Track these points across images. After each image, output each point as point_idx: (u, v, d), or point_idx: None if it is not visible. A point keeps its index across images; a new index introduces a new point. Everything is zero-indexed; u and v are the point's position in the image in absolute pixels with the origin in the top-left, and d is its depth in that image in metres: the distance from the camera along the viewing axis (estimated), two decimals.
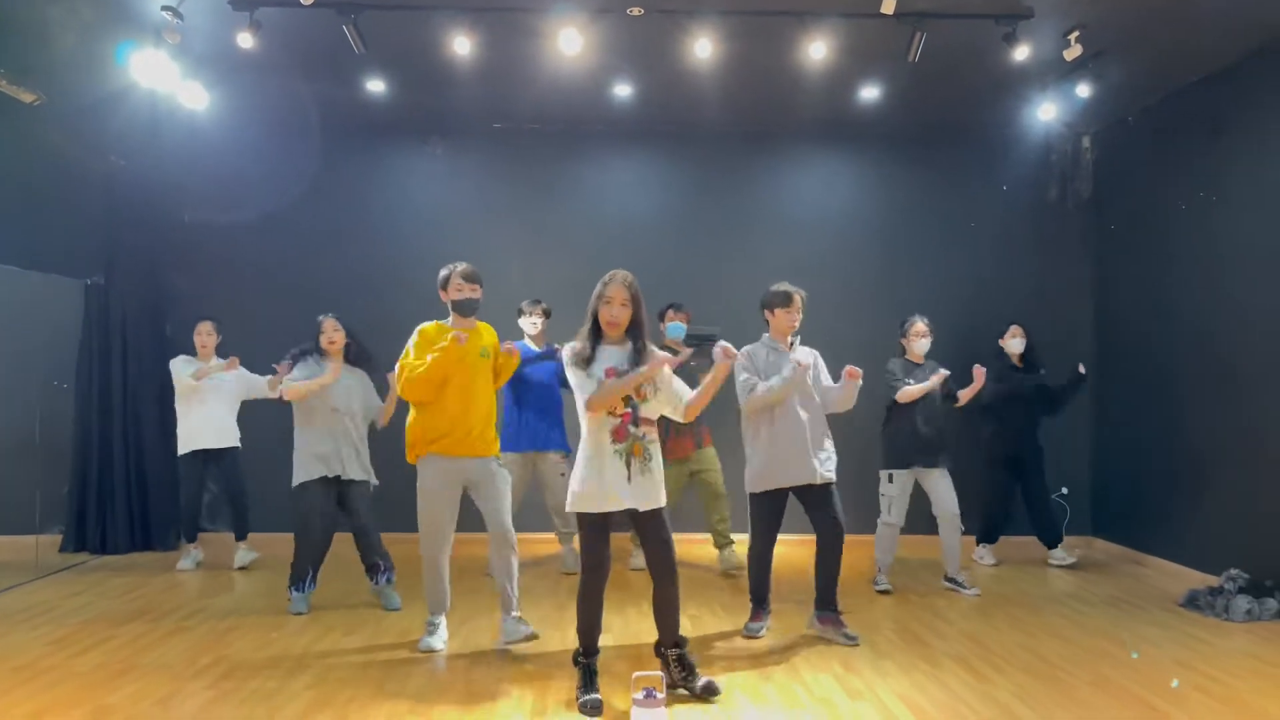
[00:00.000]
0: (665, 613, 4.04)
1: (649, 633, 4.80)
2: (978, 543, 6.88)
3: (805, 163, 7.78)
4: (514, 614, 4.66)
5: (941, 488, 5.80)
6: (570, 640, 4.73)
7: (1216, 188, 6.20)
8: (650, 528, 3.96)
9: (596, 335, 3.95)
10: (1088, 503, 7.64)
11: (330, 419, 5.27)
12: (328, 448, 5.25)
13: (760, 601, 4.97)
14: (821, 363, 5.03)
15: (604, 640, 4.35)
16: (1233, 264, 6.04)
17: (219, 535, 6.96)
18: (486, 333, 4.72)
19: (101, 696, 3.90)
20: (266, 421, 6.48)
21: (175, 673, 4.21)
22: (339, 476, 5.29)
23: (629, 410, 3.89)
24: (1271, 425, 5.67)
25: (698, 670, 4.05)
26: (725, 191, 7.71)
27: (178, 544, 6.89)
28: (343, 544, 5.56)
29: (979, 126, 7.51)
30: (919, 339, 5.87)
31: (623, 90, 6.79)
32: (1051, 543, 6.83)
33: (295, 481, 5.27)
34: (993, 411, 6.75)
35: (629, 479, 3.86)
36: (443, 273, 4.64)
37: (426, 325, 4.64)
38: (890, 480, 5.80)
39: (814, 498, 4.84)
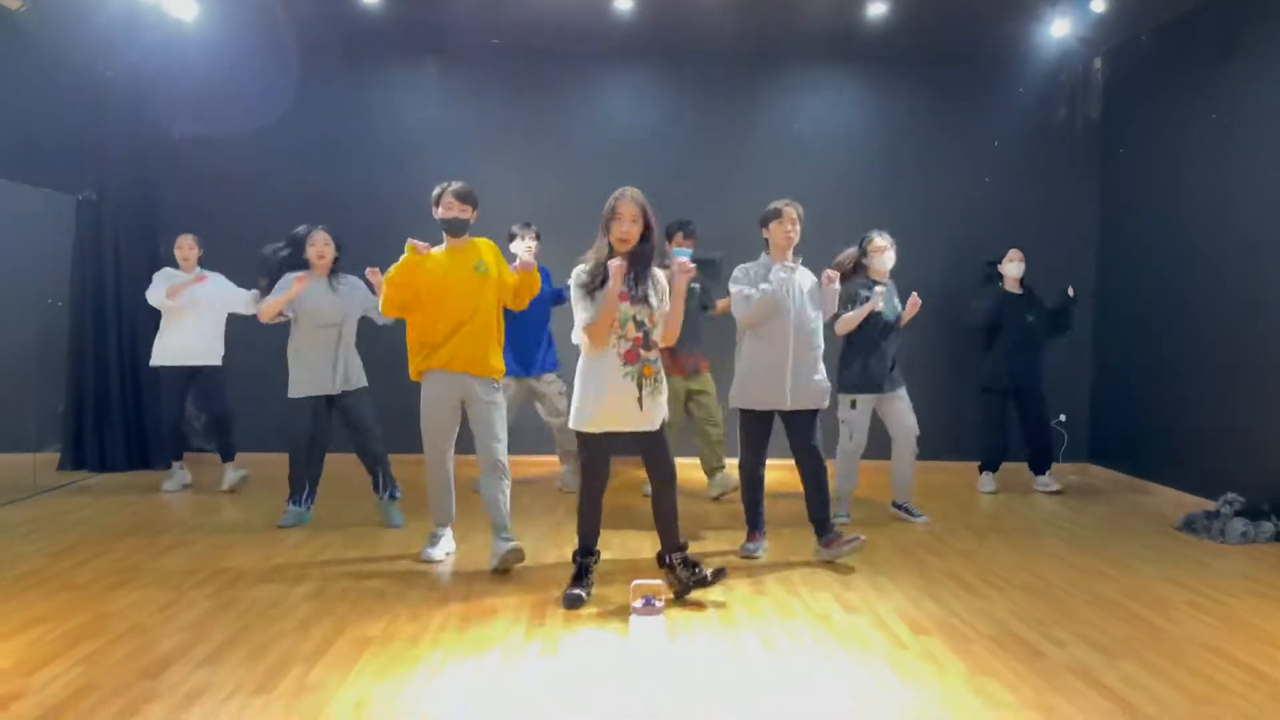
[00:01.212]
0: (666, 520, 4.13)
1: (647, 550, 4.83)
2: (980, 470, 6.83)
3: (809, 82, 7.61)
4: (503, 534, 4.70)
5: (900, 410, 5.64)
6: (567, 557, 4.77)
7: (1229, 110, 6.08)
8: (653, 441, 4.05)
9: (607, 256, 3.95)
10: (1085, 429, 7.64)
11: (316, 336, 5.20)
12: (317, 365, 5.19)
13: (753, 523, 4.95)
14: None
15: (604, 556, 4.37)
16: (1243, 188, 5.94)
17: (212, 456, 6.94)
18: (486, 249, 4.61)
19: (101, 605, 3.91)
20: (256, 339, 6.37)
21: (175, 584, 4.22)
22: (329, 395, 5.23)
23: (640, 334, 3.93)
24: (1272, 351, 5.63)
25: (703, 567, 4.12)
26: (727, 111, 7.55)
27: (170, 464, 6.88)
28: (338, 463, 5.55)
29: (987, 45, 7.33)
30: (878, 255, 5.58)
31: (624, 4, 6.60)
32: (1040, 469, 6.81)
33: (290, 394, 5.24)
34: (991, 337, 6.67)
35: (640, 403, 3.94)
36: (435, 190, 4.54)
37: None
38: (853, 406, 5.59)
39: (790, 424, 4.81)
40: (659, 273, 4.06)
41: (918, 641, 3.64)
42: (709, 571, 4.10)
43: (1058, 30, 6.56)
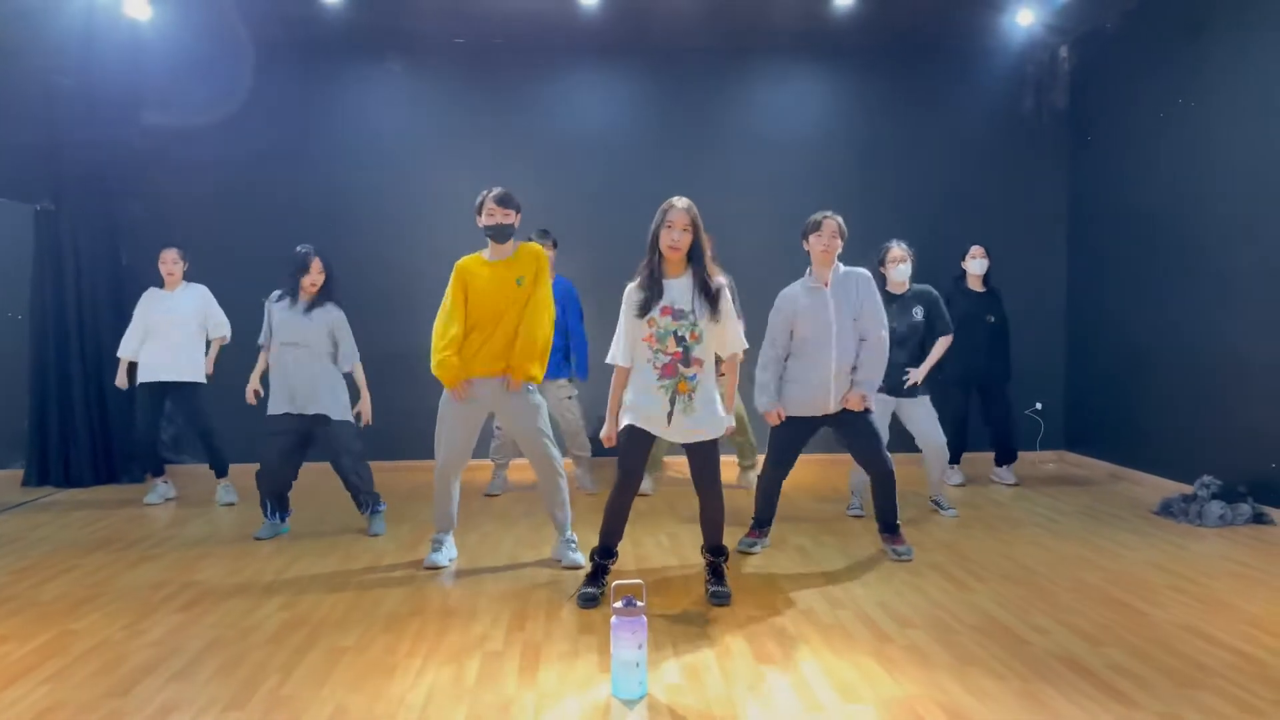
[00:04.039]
0: (705, 519, 4.11)
1: (627, 552, 4.78)
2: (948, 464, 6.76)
3: (778, 77, 7.58)
4: (565, 536, 4.65)
5: (922, 418, 5.57)
6: (546, 558, 4.72)
7: (1196, 94, 6.11)
8: (696, 452, 4.00)
9: (657, 269, 3.92)
10: (1061, 416, 7.66)
11: (284, 353, 5.11)
12: (283, 383, 5.11)
13: (759, 523, 4.92)
14: (868, 290, 4.69)
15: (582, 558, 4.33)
16: (1212, 172, 5.97)
17: (189, 468, 6.83)
18: (528, 260, 4.49)
19: (66, 623, 3.81)
20: (241, 354, 6.24)
21: (142, 599, 4.12)
22: (303, 413, 5.13)
23: (680, 349, 3.86)
24: (1245, 334, 5.66)
25: (725, 582, 4.11)
26: (696, 107, 7.51)
27: (144, 477, 6.77)
28: (307, 472, 5.44)
29: (954, 36, 7.36)
30: (896, 265, 5.55)
31: (590, 0, 6.55)
32: (1001, 461, 6.71)
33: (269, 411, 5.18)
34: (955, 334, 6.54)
35: (668, 419, 3.89)
36: (477, 198, 4.47)
37: (462, 260, 4.51)
38: None
39: (843, 430, 4.73)
40: (721, 281, 3.97)
41: (902, 634, 3.62)
42: (712, 589, 4.03)
43: (1024, 19, 6.58)
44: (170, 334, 6.05)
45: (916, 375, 5.52)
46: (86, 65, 6.65)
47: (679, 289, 3.89)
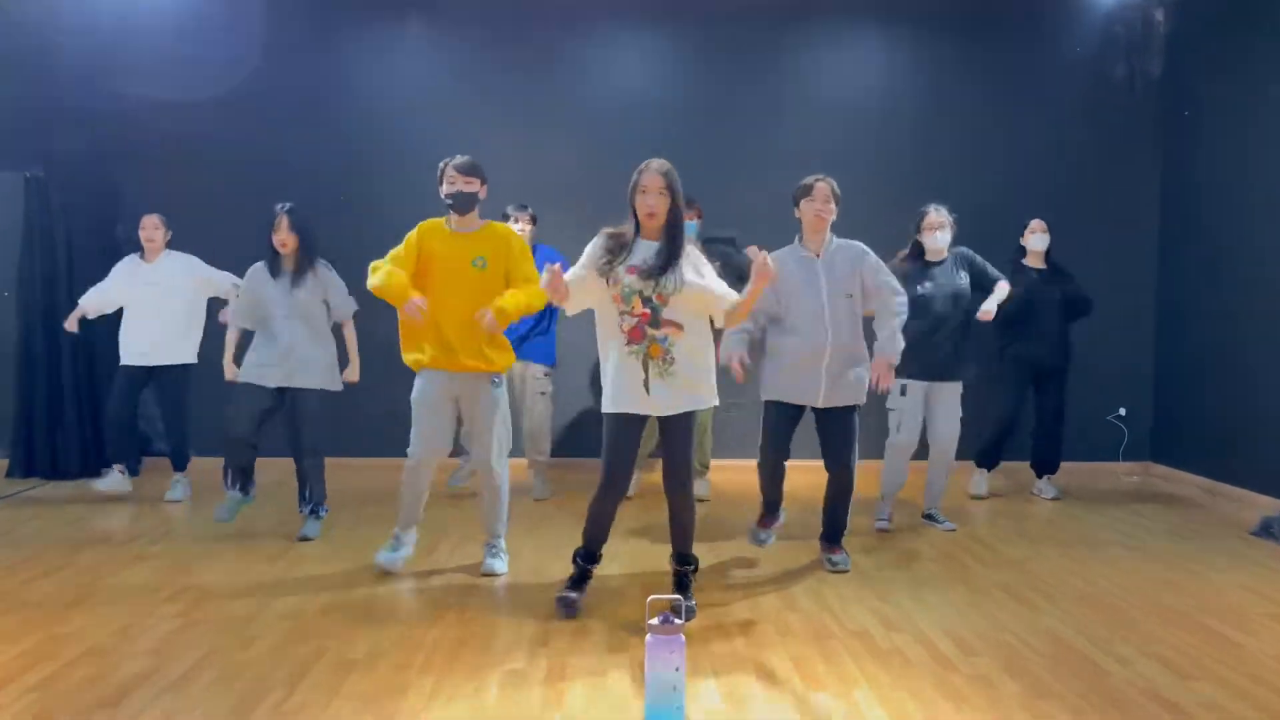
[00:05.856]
0: (673, 523, 4.17)
1: (664, 562, 4.78)
2: (977, 465, 6.66)
3: (836, 40, 7.54)
4: (490, 542, 4.73)
5: (946, 409, 5.52)
6: (561, 568, 4.75)
7: None
8: (671, 429, 4.03)
9: (636, 230, 4.01)
10: (1148, 424, 7.57)
11: (277, 326, 5.18)
12: (268, 356, 5.18)
13: (769, 507, 4.89)
14: (864, 260, 4.68)
15: (615, 568, 4.39)
16: None
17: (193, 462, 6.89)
18: (494, 238, 4.52)
19: (56, 625, 3.88)
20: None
21: (136, 601, 4.19)
22: (283, 387, 5.20)
23: (647, 310, 3.91)
24: None
25: (689, 594, 4.14)
26: (745, 74, 7.48)
27: (100, 471, 6.71)
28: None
29: None
30: (933, 232, 5.49)
31: None
32: (1042, 471, 6.64)
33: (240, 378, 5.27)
34: (1009, 316, 6.16)
35: (646, 384, 3.94)
36: (439, 167, 4.51)
37: (427, 221, 4.55)
38: (903, 392, 5.45)
39: (824, 425, 4.72)
40: (691, 249, 4.04)
41: (967, 661, 3.60)
42: (685, 605, 3.85)
43: None
44: (156, 310, 6.14)
45: (987, 308, 5.56)
46: (84, 24, 6.74)
47: (650, 250, 3.95)
